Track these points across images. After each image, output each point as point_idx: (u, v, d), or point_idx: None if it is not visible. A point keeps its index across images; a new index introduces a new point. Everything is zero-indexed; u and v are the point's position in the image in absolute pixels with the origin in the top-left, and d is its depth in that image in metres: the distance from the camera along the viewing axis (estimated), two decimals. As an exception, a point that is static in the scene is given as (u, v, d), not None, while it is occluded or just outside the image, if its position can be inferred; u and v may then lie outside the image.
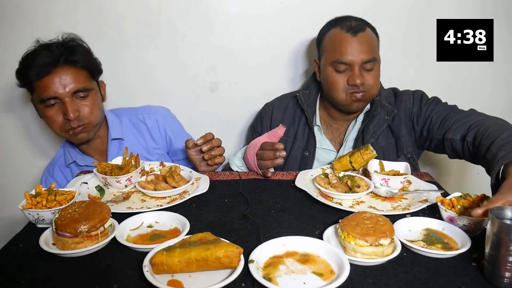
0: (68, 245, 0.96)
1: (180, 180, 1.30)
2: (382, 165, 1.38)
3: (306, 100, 1.61)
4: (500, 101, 2.03)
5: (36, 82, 1.41)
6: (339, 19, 1.53)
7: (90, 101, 1.48)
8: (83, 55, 1.47)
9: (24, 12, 1.80)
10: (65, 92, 1.41)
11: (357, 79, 1.44)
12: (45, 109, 1.44)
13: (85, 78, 1.46)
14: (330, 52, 1.48)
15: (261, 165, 1.41)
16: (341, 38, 1.45)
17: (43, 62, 1.39)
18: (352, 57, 1.44)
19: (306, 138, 1.63)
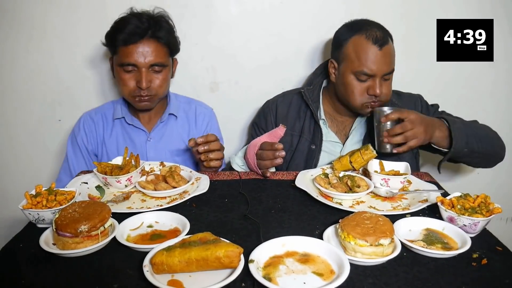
0: (68, 245, 0.96)
1: (180, 180, 1.30)
2: (382, 165, 1.38)
3: (310, 95, 1.64)
4: (500, 101, 2.03)
5: (121, 47, 1.52)
6: (361, 25, 1.52)
7: (163, 75, 1.58)
8: (168, 32, 1.58)
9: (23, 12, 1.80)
10: (144, 63, 1.52)
11: (378, 90, 1.48)
12: (121, 72, 1.55)
13: (164, 54, 1.57)
14: (354, 61, 1.49)
15: (260, 165, 1.41)
16: (367, 50, 1.47)
17: (132, 31, 1.49)
18: (377, 70, 1.47)
19: (312, 131, 1.65)
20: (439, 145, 1.44)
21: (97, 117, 1.71)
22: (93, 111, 1.74)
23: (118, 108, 1.70)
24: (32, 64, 1.87)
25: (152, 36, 1.53)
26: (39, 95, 1.92)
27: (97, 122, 1.70)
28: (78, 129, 1.70)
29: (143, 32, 1.51)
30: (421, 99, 1.67)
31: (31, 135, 1.99)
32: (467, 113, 2.00)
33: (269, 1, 1.85)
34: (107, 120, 1.71)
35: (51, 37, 1.82)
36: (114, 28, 1.54)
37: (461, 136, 1.40)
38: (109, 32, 1.56)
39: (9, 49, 1.85)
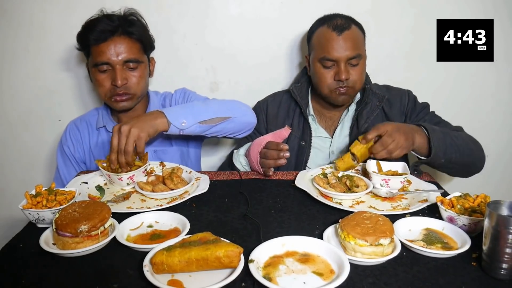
0: (68, 245, 0.96)
1: (178, 183, 1.29)
2: (380, 165, 1.38)
3: (298, 92, 1.68)
4: (500, 101, 2.03)
5: (93, 47, 1.51)
6: (327, 17, 1.60)
7: (138, 72, 1.56)
8: (140, 28, 1.57)
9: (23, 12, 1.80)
10: (117, 60, 1.50)
11: (342, 74, 1.51)
12: (96, 73, 1.54)
13: (137, 50, 1.56)
14: (318, 49, 1.56)
15: (263, 164, 1.42)
16: (327, 37, 1.53)
17: (102, 29, 1.48)
18: (337, 54, 1.51)
19: (301, 128, 1.68)
20: (419, 151, 1.42)
21: (82, 125, 1.70)
22: (78, 119, 1.73)
23: (100, 117, 1.68)
24: (32, 64, 1.87)
25: (123, 32, 1.52)
26: (39, 95, 1.92)
27: (82, 131, 1.69)
28: (65, 138, 1.69)
29: (114, 29, 1.50)
30: (409, 93, 1.67)
31: (31, 135, 1.98)
32: (467, 113, 2.02)
33: (269, 1, 1.85)
34: (92, 128, 1.70)
35: (51, 37, 1.82)
36: (85, 28, 1.53)
37: (440, 145, 1.38)
38: (79, 33, 1.54)
39: (8, 48, 1.85)
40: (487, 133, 2.07)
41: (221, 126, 1.50)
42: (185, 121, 1.41)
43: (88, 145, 1.68)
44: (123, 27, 1.52)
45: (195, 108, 1.48)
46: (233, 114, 1.53)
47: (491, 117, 2.05)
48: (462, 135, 1.53)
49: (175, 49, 1.89)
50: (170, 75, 1.92)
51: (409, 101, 1.65)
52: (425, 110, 1.64)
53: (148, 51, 1.65)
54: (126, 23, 1.53)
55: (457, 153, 1.43)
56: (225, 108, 1.54)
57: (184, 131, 1.42)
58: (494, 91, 2.01)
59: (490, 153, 1.98)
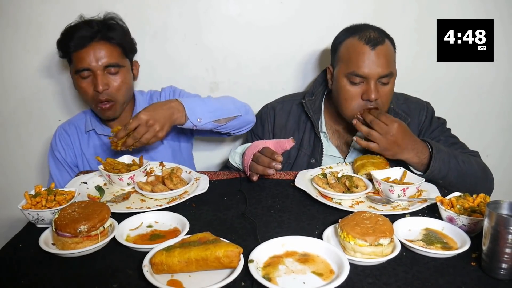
0: (68, 245, 0.96)
1: (178, 183, 1.29)
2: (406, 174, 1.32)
3: (312, 106, 1.57)
4: (500, 101, 2.03)
5: (73, 53, 1.50)
6: (357, 27, 1.47)
7: (120, 77, 1.55)
8: (120, 33, 1.56)
9: (22, 12, 1.80)
10: (97, 65, 1.49)
11: (372, 93, 1.39)
12: (79, 79, 1.53)
13: (118, 55, 1.54)
14: (346, 62, 1.43)
15: (252, 167, 1.36)
16: (358, 50, 1.40)
17: (82, 35, 1.48)
18: (368, 71, 1.38)
19: (312, 145, 1.59)
20: (414, 167, 1.37)
21: (71, 130, 1.69)
22: (67, 124, 1.72)
23: (88, 119, 1.68)
24: (31, 64, 1.87)
25: (102, 38, 1.51)
26: (39, 95, 1.92)
27: (72, 135, 1.69)
28: (55, 144, 1.69)
29: (93, 34, 1.49)
30: (427, 107, 1.59)
31: (31, 135, 1.99)
32: (467, 113, 2.02)
33: (269, 2, 1.85)
34: (81, 131, 1.69)
35: (50, 37, 1.81)
36: (64, 35, 1.52)
37: (440, 167, 1.31)
38: (59, 41, 1.54)
39: (7, 48, 1.85)
40: (487, 133, 2.08)
41: (229, 124, 1.52)
42: (201, 118, 1.42)
43: (79, 148, 1.67)
44: (102, 32, 1.51)
45: (212, 105, 1.48)
46: (240, 113, 1.55)
47: (491, 117, 2.05)
48: (472, 161, 1.43)
49: (175, 49, 1.89)
50: (170, 75, 1.92)
51: (426, 118, 1.56)
52: (440, 128, 1.56)
53: (130, 55, 1.63)
54: (105, 28, 1.52)
55: (459, 179, 1.36)
56: (234, 106, 1.55)
57: (198, 127, 1.43)
58: (494, 91, 2.01)
59: (490, 153, 1.98)
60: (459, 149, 1.51)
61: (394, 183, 1.25)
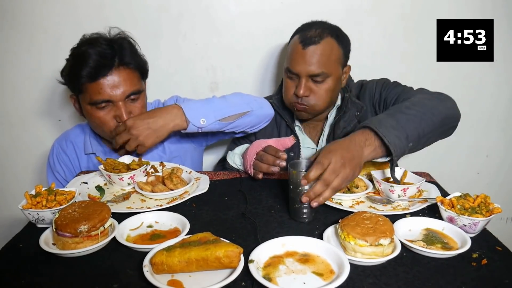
0: (68, 245, 0.96)
1: (178, 183, 1.29)
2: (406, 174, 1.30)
3: (279, 104, 1.64)
4: (500, 101, 2.04)
5: (87, 84, 1.35)
6: (306, 25, 1.52)
7: (140, 103, 1.45)
8: (133, 53, 1.43)
9: (23, 13, 1.80)
10: (119, 96, 1.37)
11: (300, 90, 1.46)
12: (94, 111, 1.39)
13: (137, 80, 1.44)
14: (286, 58, 1.52)
15: (256, 166, 1.38)
16: (293, 48, 1.48)
17: (97, 64, 1.33)
18: (298, 68, 1.45)
19: None
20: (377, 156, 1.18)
21: (69, 149, 1.59)
22: (63, 140, 1.60)
23: (88, 142, 1.56)
24: (33, 64, 1.87)
25: (120, 64, 1.37)
26: (40, 95, 1.92)
27: (70, 155, 1.59)
28: (53, 163, 1.59)
29: (110, 62, 1.35)
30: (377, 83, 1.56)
31: (31, 135, 1.99)
32: (467, 113, 2.01)
33: (269, 1, 1.85)
34: (80, 151, 1.58)
35: (52, 37, 1.83)
36: (73, 64, 1.37)
37: (396, 135, 1.14)
38: (68, 69, 1.39)
39: (10, 49, 1.85)
40: (487, 133, 2.08)
41: (240, 121, 1.47)
42: (205, 119, 1.37)
43: (79, 168, 1.58)
44: (119, 57, 1.37)
45: (215, 105, 1.43)
46: (251, 108, 1.49)
47: (491, 117, 2.06)
48: (415, 101, 1.30)
49: (175, 49, 1.89)
50: (170, 75, 1.92)
51: (375, 91, 1.56)
52: (385, 88, 1.52)
53: (145, 76, 1.52)
54: (121, 51, 1.38)
55: (420, 125, 1.20)
56: (243, 102, 1.50)
57: (203, 129, 1.39)
58: (493, 91, 2.01)
59: (490, 153, 1.98)
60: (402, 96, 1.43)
61: (394, 183, 1.25)
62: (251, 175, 1.42)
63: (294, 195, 1.11)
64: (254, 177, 1.39)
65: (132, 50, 1.43)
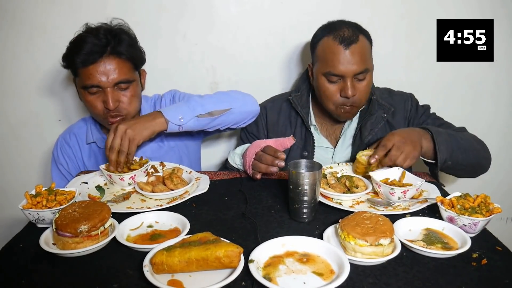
0: (68, 245, 0.96)
1: (178, 183, 1.29)
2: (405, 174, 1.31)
3: (299, 102, 1.63)
4: (500, 101, 2.03)
5: (80, 69, 1.43)
6: (332, 26, 1.51)
7: (130, 92, 1.49)
8: (129, 45, 1.48)
9: (24, 13, 1.80)
10: (107, 82, 1.43)
11: (348, 91, 1.45)
12: (86, 94, 1.46)
13: (128, 70, 1.48)
14: (323, 62, 1.48)
15: (255, 166, 1.38)
16: (333, 50, 1.45)
17: (89, 51, 1.40)
18: (344, 70, 1.44)
19: (304, 138, 1.64)
20: (425, 155, 1.39)
21: (72, 141, 1.65)
22: (67, 133, 1.67)
23: (89, 131, 1.62)
24: (32, 64, 1.87)
25: (112, 52, 1.43)
26: (39, 95, 1.92)
27: (73, 146, 1.64)
28: (57, 156, 1.65)
29: (102, 49, 1.41)
30: (411, 97, 1.64)
31: (31, 135, 1.99)
32: (467, 113, 2.02)
33: (269, 1, 1.85)
34: (82, 141, 1.64)
35: (52, 37, 1.82)
36: (70, 49, 1.44)
37: (446, 148, 1.35)
38: (65, 54, 1.46)
39: (9, 48, 1.85)
40: (487, 133, 2.07)
41: (221, 118, 1.49)
42: (182, 117, 1.40)
43: (81, 159, 1.64)
44: (112, 46, 1.43)
45: (192, 102, 1.46)
46: (232, 105, 1.51)
47: (491, 117, 2.05)
48: (467, 136, 1.49)
49: (175, 49, 1.89)
50: (170, 75, 1.92)
51: (411, 107, 1.61)
52: (426, 112, 1.61)
53: (139, 67, 1.56)
54: (115, 41, 1.44)
55: (463, 154, 1.40)
56: (222, 100, 1.52)
57: (183, 127, 1.41)
58: (494, 91, 2.01)
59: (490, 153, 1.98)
60: (448, 128, 1.53)
61: (393, 184, 1.25)
62: (250, 175, 1.42)
63: (294, 195, 1.11)
64: (253, 177, 1.40)
65: (128, 42, 1.48)
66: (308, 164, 1.17)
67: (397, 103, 1.61)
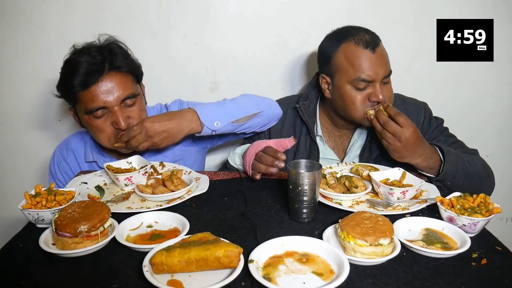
0: (68, 245, 0.96)
1: (179, 184, 1.28)
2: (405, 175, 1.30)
3: (306, 110, 1.58)
4: (500, 101, 2.03)
5: (80, 93, 1.34)
6: (345, 33, 1.46)
7: (137, 106, 1.42)
8: (125, 57, 1.41)
9: (22, 12, 1.80)
10: (113, 101, 1.35)
11: (380, 95, 1.41)
12: (92, 120, 1.38)
13: (131, 84, 1.41)
14: (348, 69, 1.42)
15: (255, 166, 1.37)
16: (360, 55, 1.40)
17: (87, 71, 1.31)
18: (374, 74, 1.40)
19: (308, 148, 1.60)
20: (424, 170, 1.40)
21: (69, 157, 1.57)
22: (64, 148, 1.60)
23: (88, 151, 1.54)
24: (32, 64, 1.87)
25: (111, 68, 1.35)
26: (39, 95, 1.92)
27: (71, 163, 1.57)
28: (55, 171, 1.59)
29: (100, 67, 1.32)
30: (425, 108, 1.58)
31: (31, 135, 1.99)
32: (467, 113, 2.02)
33: (269, 2, 1.85)
34: (81, 159, 1.57)
35: (50, 37, 1.82)
36: (65, 74, 1.36)
37: (451, 170, 1.35)
38: (60, 81, 1.37)
39: (8, 48, 1.85)
40: (487, 133, 2.08)
41: (251, 122, 1.48)
42: (219, 122, 1.37)
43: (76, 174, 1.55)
44: (110, 62, 1.35)
45: (227, 107, 1.45)
46: (261, 109, 1.50)
47: (491, 117, 2.05)
48: (476, 161, 1.46)
49: (175, 49, 1.89)
50: (170, 75, 1.92)
51: (424, 119, 1.56)
52: (439, 128, 1.57)
53: (140, 80, 1.50)
54: (110, 56, 1.36)
55: (465, 180, 1.39)
56: (252, 103, 1.51)
57: (216, 131, 1.39)
58: (494, 91, 2.01)
59: (490, 153, 1.98)
60: (459, 148, 1.52)
61: (393, 184, 1.25)
62: (250, 175, 1.42)
63: (294, 195, 1.11)
64: (253, 178, 1.40)
65: (123, 54, 1.41)
66: (307, 164, 1.17)
67: (409, 113, 1.52)
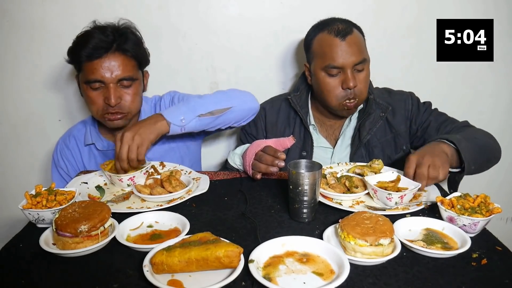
0: (68, 245, 0.96)
1: (177, 185, 1.28)
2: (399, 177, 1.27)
3: (298, 101, 1.64)
4: (500, 101, 2.03)
5: (85, 63, 1.44)
6: (324, 23, 1.54)
7: (132, 90, 1.51)
8: (135, 44, 1.50)
9: (22, 12, 1.80)
10: (111, 78, 1.44)
11: (350, 82, 1.46)
12: (88, 89, 1.47)
13: (132, 68, 1.50)
14: (321, 57, 1.50)
15: (255, 166, 1.38)
16: (330, 43, 1.48)
17: (96, 45, 1.42)
18: (343, 61, 1.46)
19: (302, 138, 1.65)
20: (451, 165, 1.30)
21: (71, 143, 1.65)
22: (67, 136, 1.68)
23: (88, 132, 1.63)
24: (33, 64, 1.87)
25: (118, 49, 1.45)
26: (40, 95, 1.92)
27: (73, 149, 1.64)
28: (57, 159, 1.65)
29: (108, 45, 1.43)
30: (412, 96, 1.63)
31: (31, 135, 1.99)
32: (467, 113, 2.01)
33: (269, 2, 1.85)
34: (81, 143, 1.64)
35: (52, 38, 1.82)
36: (77, 43, 1.46)
37: (470, 153, 1.29)
38: (71, 48, 1.48)
39: (9, 49, 1.85)
40: (487, 133, 2.08)
41: (223, 117, 1.49)
42: (184, 118, 1.40)
43: (81, 162, 1.64)
44: (118, 43, 1.45)
45: (192, 103, 1.46)
46: (232, 104, 1.51)
47: (491, 117, 2.05)
48: (478, 133, 1.49)
49: (175, 49, 1.89)
50: (170, 75, 1.92)
51: (412, 106, 1.61)
52: (428, 110, 1.61)
53: (143, 67, 1.59)
54: (121, 38, 1.47)
55: (482, 156, 1.38)
56: (222, 99, 1.52)
57: (185, 127, 1.41)
58: (494, 91, 2.01)
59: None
60: (450, 124, 1.55)
61: (388, 187, 1.21)
62: (250, 175, 1.42)
63: (294, 195, 1.12)
64: (253, 178, 1.40)
65: (133, 40, 1.50)
66: (308, 164, 1.17)
67: (396, 102, 1.61)
